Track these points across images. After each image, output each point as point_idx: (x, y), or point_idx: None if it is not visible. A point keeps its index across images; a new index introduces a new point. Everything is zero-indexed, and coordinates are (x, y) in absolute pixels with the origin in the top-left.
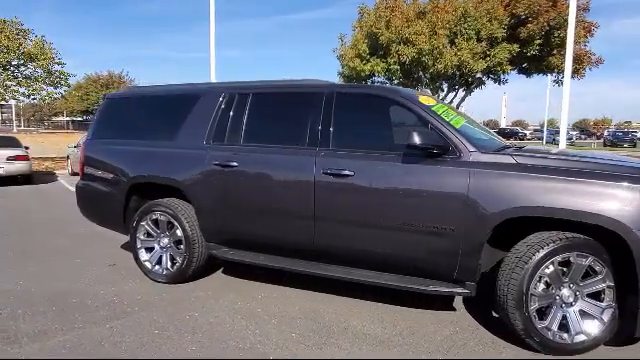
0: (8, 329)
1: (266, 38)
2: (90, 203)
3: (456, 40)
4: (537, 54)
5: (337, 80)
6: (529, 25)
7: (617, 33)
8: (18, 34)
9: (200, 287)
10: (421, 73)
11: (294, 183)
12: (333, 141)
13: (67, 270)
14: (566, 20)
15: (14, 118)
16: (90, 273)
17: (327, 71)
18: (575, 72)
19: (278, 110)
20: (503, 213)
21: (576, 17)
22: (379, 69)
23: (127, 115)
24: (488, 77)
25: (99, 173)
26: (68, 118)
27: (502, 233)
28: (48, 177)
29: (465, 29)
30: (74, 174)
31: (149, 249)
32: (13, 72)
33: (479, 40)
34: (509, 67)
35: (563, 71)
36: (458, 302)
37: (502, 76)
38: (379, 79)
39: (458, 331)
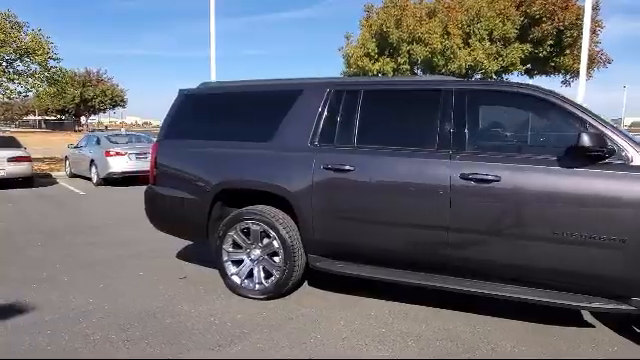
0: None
1: (263, 37)
2: (164, 211)
3: (470, 40)
4: (546, 55)
5: None
6: (543, 25)
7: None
8: (12, 27)
9: (299, 303)
10: (428, 73)
11: (425, 189)
12: (469, 143)
13: (135, 285)
14: (578, 19)
15: None
16: (164, 288)
17: (327, 71)
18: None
19: (397, 109)
20: None
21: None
22: (388, 69)
23: (207, 113)
24: (491, 78)
25: (175, 178)
26: (40, 117)
27: None
28: (46, 179)
29: (478, 29)
30: (73, 176)
31: (236, 262)
32: (6, 68)
33: (491, 40)
34: (522, 67)
35: (573, 72)
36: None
37: (505, 77)
38: None
39: (618, 351)
